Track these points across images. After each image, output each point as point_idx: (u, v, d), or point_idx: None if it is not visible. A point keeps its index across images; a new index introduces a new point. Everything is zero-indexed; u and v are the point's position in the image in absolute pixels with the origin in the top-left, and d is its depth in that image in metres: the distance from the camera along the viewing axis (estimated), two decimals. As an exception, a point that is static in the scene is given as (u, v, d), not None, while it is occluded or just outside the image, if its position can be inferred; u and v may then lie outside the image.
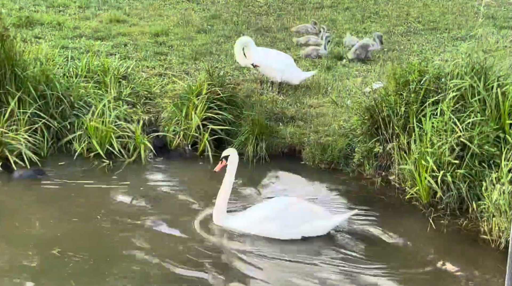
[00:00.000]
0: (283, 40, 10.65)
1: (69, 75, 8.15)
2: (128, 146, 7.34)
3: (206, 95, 7.68)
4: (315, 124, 7.77)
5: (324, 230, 5.83)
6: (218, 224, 5.88)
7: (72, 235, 5.72)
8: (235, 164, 5.97)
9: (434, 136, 6.36)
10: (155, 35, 10.45)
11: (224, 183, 5.90)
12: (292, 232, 5.75)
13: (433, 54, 9.55)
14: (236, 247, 5.71)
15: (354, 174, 7.12)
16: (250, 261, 5.51)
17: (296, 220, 5.75)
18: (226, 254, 5.64)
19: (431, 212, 6.24)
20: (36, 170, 6.71)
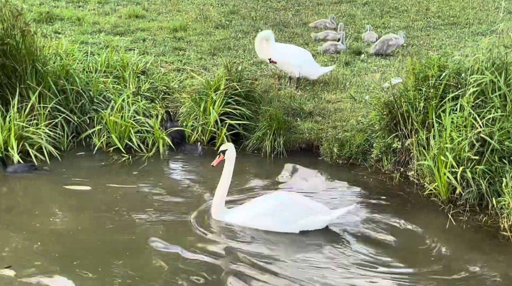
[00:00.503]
0: (301, 35, 10.64)
1: (89, 70, 8.23)
2: (147, 140, 7.38)
3: (224, 91, 7.70)
4: (333, 119, 7.75)
5: (322, 224, 5.84)
6: (217, 218, 5.90)
7: (91, 228, 5.78)
8: (232, 159, 5.95)
9: (454, 132, 6.30)
10: (173, 30, 10.50)
11: (222, 178, 5.90)
12: (290, 227, 5.76)
13: (453, 49, 9.46)
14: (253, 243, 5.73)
15: (372, 169, 7.09)
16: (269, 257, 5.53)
17: (294, 214, 5.76)
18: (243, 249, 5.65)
19: (450, 208, 6.19)
20: (30, 165, 6.72)
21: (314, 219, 5.78)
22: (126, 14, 11.13)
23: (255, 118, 7.72)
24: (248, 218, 5.81)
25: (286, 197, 5.95)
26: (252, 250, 5.56)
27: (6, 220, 5.84)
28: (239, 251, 5.53)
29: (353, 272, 5.32)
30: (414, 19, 11.48)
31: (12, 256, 5.27)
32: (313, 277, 5.23)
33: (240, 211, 5.90)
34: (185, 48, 9.83)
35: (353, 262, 5.46)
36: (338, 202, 6.48)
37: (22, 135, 6.97)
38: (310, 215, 5.77)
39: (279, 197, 5.96)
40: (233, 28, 10.80)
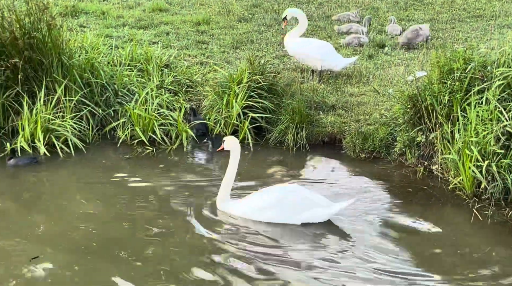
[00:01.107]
0: (324, 28, 10.58)
1: (113, 63, 8.31)
2: (170, 133, 7.44)
3: (247, 84, 7.72)
4: (356, 113, 7.71)
5: (323, 217, 5.83)
6: (220, 209, 5.95)
7: (117, 219, 5.86)
8: (235, 151, 5.99)
9: (479, 125, 6.23)
10: (196, 24, 10.53)
11: (228, 171, 5.96)
12: (292, 219, 5.79)
13: (479, 42, 9.33)
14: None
15: (395, 163, 7.05)
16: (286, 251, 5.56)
17: (296, 207, 5.78)
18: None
19: (475, 203, 6.13)
20: (32, 158, 6.77)
21: (315, 212, 5.80)
22: (149, 7, 11.19)
23: (277, 111, 7.73)
24: (250, 210, 5.85)
25: (288, 189, 5.95)
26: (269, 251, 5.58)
27: (33, 211, 5.95)
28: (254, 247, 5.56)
29: (376, 266, 5.31)
30: (439, 12, 11.34)
31: (39, 247, 5.36)
32: (335, 273, 5.24)
33: (243, 203, 5.94)
34: (208, 42, 9.86)
35: (375, 256, 5.45)
36: (361, 196, 6.46)
37: (49, 128, 7.08)
38: (311, 207, 5.78)
39: (282, 189, 5.95)
40: (256, 22, 10.79)
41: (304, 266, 5.32)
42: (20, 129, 7.07)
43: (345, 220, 5.98)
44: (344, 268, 5.28)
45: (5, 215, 5.87)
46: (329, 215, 5.86)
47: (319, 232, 5.79)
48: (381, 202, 6.39)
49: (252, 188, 6.46)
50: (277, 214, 5.81)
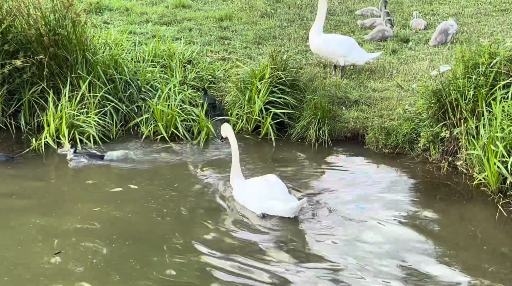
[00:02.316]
0: (347, 23, 10.52)
1: (136, 59, 8.38)
2: (193, 129, 7.48)
3: (269, 79, 7.71)
4: (379, 108, 7.65)
5: (282, 212, 5.83)
6: (232, 185, 6.23)
7: (140, 215, 5.92)
8: (230, 135, 6.20)
9: (505, 120, 6.14)
10: (219, 19, 10.56)
11: (232, 155, 6.19)
12: (253, 207, 5.94)
13: (505, 36, 9.17)
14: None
15: (419, 159, 6.98)
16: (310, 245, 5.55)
17: (259, 196, 5.90)
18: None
19: (500, 198, 6.04)
20: (8, 156, 6.77)
21: (274, 205, 5.84)
22: (173, 4, 11.25)
23: (299, 107, 7.71)
24: (237, 191, 6.12)
25: (263, 178, 6.08)
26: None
27: (56, 206, 6.03)
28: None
29: (400, 263, 5.28)
30: (465, 6, 11.18)
31: (62, 243, 5.44)
32: (359, 267, 5.23)
33: (238, 186, 6.14)
34: (231, 37, 9.88)
35: (399, 251, 5.42)
36: (384, 192, 6.43)
37: (73, 124, 7.17)
38: (271, 200, 5.84)
39: (263, 178, 6.09)
40: (278, 17, 10.77)
41: (332, 257, 5.34)
42: (45, 125, 7.17)
43: (369, 216, 5.95)
44: (369, 263, 5.25)
45: (32, 210, 5.96)
46: (286, 211, 5.81)
47: (342, 225, 5.78)
48: (404, 198, 6.34)
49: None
50: (244, 199, 6.02)
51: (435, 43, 9.38)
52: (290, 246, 5.49)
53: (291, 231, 5.71)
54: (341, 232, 5.71)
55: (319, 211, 6.02)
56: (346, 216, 5.94)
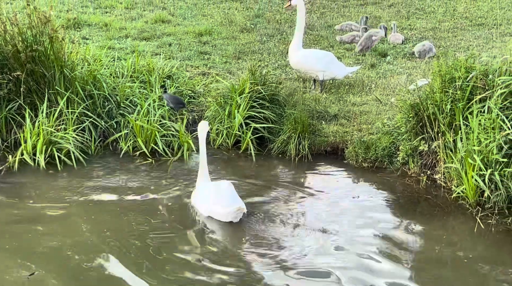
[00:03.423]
0: (326, 38, 10.60)
1: (115, 75, 8.34)
2: (173, 144, 7.44)
3: (249, 94, 7.72)
4: (359, 122, 7.70)
5: (220, 217, 5.96)
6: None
7: (112, 229, 5.85)
8: (201, 133, 6.28)
9: (481, 134, 6.21)
10: (199, 34, 10.58)
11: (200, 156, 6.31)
12: (201, 209, 6.11)
13: (481, 51, 9.32)
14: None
15: (398, 172, 7.01)
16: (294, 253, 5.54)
17: (205, 199, 6.08)
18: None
19: (478, 211, 6.09)
20: None
21: (214, 209, 5.99)
22: (152, 19, 11.25)
23: (279, 121, 7.72)
24: (193, 193, 6.31)
25: (215, 183, 6.22)
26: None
27: (32, 224, 5.93)
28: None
29: (379, 277, 5.28)
30: (441, 20, 11.35)
31: (37, 263, 5.34)
32: (331, 279, 5.21)
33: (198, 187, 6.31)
34: (210, 52, 9.89)
35: (378, 266, 5.42)
36: (364, 205, 6.45)
37: (51, 140, 7.09)
38: (213, 204, 6.00)
39: (216, 183, 6.23)
40: (258, 32, 10.83)
41: (301, 270, 5.31)
42: (22, 142, 7.08)
43: (348, 230, 5.95)
44: (346, 279, 5.24)
45: (5, 227, 5.86)
46: (224, 215, 5.93)
47: (318, 239, 5.76)
48: (384, 212, 6.36)
49: (254, 198, 6.46)
50: (195, 202, 6.20)
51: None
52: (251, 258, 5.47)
53: (256, 242, 5.70)
54: (314, 245, 5.70)
55: (295, 225, 6.02)
56: (324, 231, 5.92)
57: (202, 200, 6.15)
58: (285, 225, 6.01)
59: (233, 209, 5.89)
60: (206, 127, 6.34)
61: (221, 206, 5.96)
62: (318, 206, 6.42)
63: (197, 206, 6.19)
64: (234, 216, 5.94)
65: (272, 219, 6.09)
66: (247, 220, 6.04)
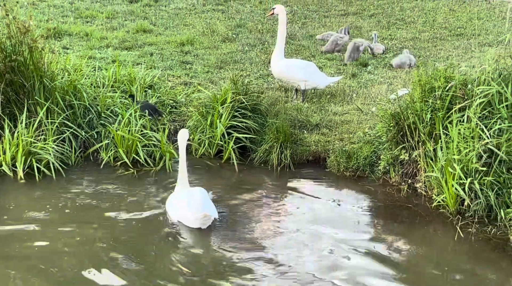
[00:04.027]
0: (307, 47, 10.66)
1: (96, 85, 8.28)
2: (154, 154, 7.40)
3: (231, 104, 7.72)
4: (340, 131, 7.74)
5: (191, 223, 6.01)
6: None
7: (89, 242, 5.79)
8: (181, 140, 6.32)
9: (461, 143, 6.27)
10: (180, 44, 10.57)
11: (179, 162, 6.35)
12: (171, 214, 6.19)
13: (460, 60, 9.44)
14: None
15: (379, 181, 7.05)
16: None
17: (176, 204, 6.16)
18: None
19: (459, 220, 6.14)
20: None
21: (183, 215, 6.05)
22: (133, 28, 11.22)
23: (261, 131, 7.73)
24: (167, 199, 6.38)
25: (188, 189, 6.25)
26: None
27: (12, 240, 5.85)
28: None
29: (356, 283, 5.28)
30: (421, 30, 11.48)
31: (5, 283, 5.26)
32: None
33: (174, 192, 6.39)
34: (192, 62, 9.89)
35: (358, 275, 5.42)
36: (345, 214, 6.46)
37: (30, 151, 7.01)
38: (182, 210, 6.06)
39: (189, 189, 6.26)
40: (239, 41, 10.85)
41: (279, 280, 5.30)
42: (1, 153, 6.98)
43: (330, 239, 5.95)
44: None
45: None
46: (192, 222, 5.98)
47: (296, 247, 5.76)
48: (365, 221, 6.38)
49: (236, 208, 6.44)
50: (168, 207, 6.26)
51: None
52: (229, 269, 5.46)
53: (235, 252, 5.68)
54: (292, 253, 5.70)
55: (274, 233, 6.02)
56: (305, 239, 5.93)
57: (172, 206, 6.21)
58: (264, 233, 6.00)
59: (200, 216, 5.92)
60: (186, 135, 6.38)
61: (189, 212, 6.00)
62: (298, 215, 6.42)
63: (168, 212, 6.24)
64: (201, 223, 5.97)
65: (251, 227, 6.09)
66: (225, 228, 6.04)
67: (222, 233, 5.98)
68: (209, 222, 6.01)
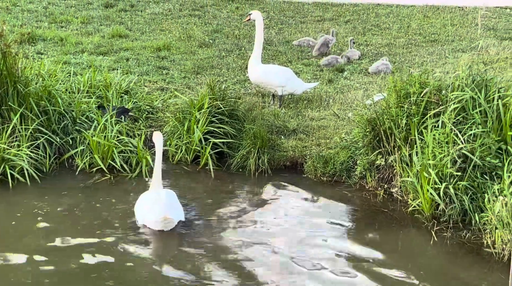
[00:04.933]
0: (284, 53, 10.70)
1: (71, 90, 8.18)
2: (131, 160, 7.34)
3: (208, 109, 7.70)
4: (317, 137, 7.77)
5: (151, 225, 6.03)
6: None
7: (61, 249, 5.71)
8: (158, 141, 6.35)
9: (436, 148, 6.34)
10: (157, 49, 10.50)
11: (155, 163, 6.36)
12: (137, 215, 6.21)
13: (434, 66, 9.56)
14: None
15: (356, 186, 7.09)
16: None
17: (141, 206, 6.18)
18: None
19: (434, 225, 6.20)
20: None
21: (147, 217, 6.05)
22: (109, 33, 11.12)
23: (239, 136, 7.72)
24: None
25: (156, 192, 6.22)
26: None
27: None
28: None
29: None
30: (396, 36, 11.60)
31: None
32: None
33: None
34: (169, 67, 9.84)
35: (335, 278, 5.44)
36: (322, 220, 6.49)
37: (4, 157, 6.89)
38: (146, 212, 6.07)
39: (157, 191, 6.23)
40: (216, 47, 10.83)
41: None
42: (-26, 160, 6.87)
43: (306, 244, 5.97)
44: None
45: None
46: (153, 224, 6.00)
47: (276, 254, 5.76)
48: (342, 226, 6.42)
49: (211, 213, 6.42)
50: (135, 208, 6.27)
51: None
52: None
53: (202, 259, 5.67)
54: (263, 258, 5.70)
55: (246, 238, 6.02)
56: (279, 245, 5.94)
57: (138, 207, 6.20)
58: (238, 239, 6.00)
59: (160, 218, 5.90)
60: (161, 137, 6.38)
61: (151, 214, 5.99)
62: (274, 220, 6.43)
63: (135, 213, 6.22)
64: (162, 225, 5.95)
65: (224, 233, 6.08)
66: (197, 234, 6.05)
67: (192, 238, 5.97)
68: (172, 225, 6.00)
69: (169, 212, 5.98)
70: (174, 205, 6.15)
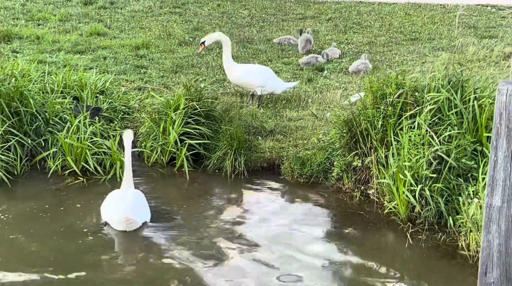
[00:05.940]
0: (265, 52, 10.61)
1: (45, 91, 8.03)
2: (105, 162, 7.22)
3: (184, 110, 7.59)
4: (294, 138, 7.69)
5: (114, 225, 5.98)
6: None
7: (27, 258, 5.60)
8: (126, 140, 6.31)
9: (412, 150, 6.28)
10: (135, 48, 10.38)
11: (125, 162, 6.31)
12: (102, 214, 6.15)
13: (415, 65, 9.52)
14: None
15: (333, 188, 7.02)
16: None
17: (106, 206, 6.14)
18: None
19: (409, 227, 6.15)
20: None
21: (111, 217, 5.99)
22: (87, 32, 10.97)
23: (215, 137, 7.62)
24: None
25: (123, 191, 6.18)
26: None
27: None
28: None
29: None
30: (377, 35, 11.55)
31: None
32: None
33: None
34: (147, 66, 9.72)
35: (310, 281, 5.38)
36: (298, 222, 6.42)
37: (-27, 160, 6.76)
38: (110, 212, 6.03)
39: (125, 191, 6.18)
40: (196, 45, 10.71)
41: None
42: None
43: (282, 246, 5.90)
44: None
45: None
46: (115, 223, 5.94)
47: (250, 257, 5.69)
48: (318, 228, 6.35)
49: (188, 216, 6.34)
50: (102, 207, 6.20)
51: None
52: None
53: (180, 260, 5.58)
54: (241, 263, 5.62)
55: (224, 240, 5.95)
56: (254, 248, 5.87)
57: (104, 206, 6.13)
58: (211, 241, 5.92)
59: (122, 218, 5.84)
60: (131, 135, 6.31)
61: (115, 214, 5.94)
62: (249, 223, 6.36)
63: (101, 211, 6.17)
64: (125, 225, 5.89)
65: (198, 234, 6.01)
66: (168, 236, 5.95)
67: (158, 240, 5.87)
68: (135, 226, 5.93)
69: (132, 212, 5.91)
70: (140, 205, 6.05)
